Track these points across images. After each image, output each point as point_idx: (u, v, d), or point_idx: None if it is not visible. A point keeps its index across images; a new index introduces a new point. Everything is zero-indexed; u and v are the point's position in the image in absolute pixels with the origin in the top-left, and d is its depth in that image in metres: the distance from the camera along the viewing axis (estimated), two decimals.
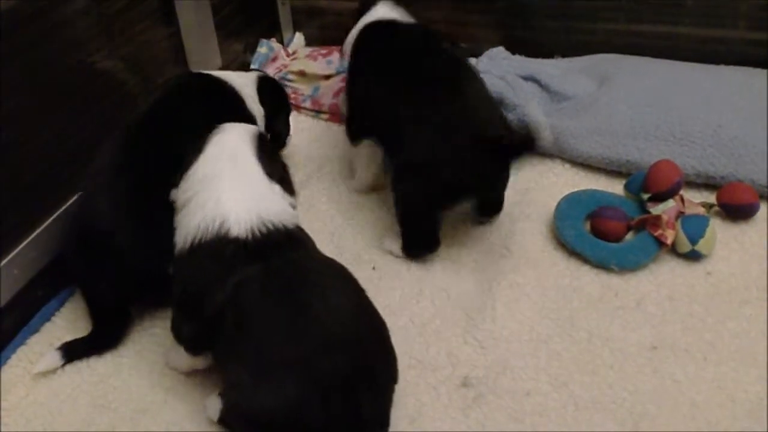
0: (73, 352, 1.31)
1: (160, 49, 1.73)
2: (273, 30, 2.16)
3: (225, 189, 1.15)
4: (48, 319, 1.41)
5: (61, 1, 1.42)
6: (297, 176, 1.70)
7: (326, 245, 1.50)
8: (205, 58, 1.83)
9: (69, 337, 1.35)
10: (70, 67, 1.46)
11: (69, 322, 1.40)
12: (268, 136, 1.39)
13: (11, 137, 1.33)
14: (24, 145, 1.37)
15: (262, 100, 1.59)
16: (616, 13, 1.89)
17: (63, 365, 1.31)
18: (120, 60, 1.60)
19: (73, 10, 1.45)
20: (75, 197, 1.44)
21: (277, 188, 1.19)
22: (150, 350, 1.34)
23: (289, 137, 1.71)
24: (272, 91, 1.64)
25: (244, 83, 1.58)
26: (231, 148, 1.19)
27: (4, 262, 1.33)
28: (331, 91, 1.94)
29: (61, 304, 1.44)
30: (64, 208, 1.45)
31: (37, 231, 1.39)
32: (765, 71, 1.74)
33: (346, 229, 1.58)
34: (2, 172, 1.32)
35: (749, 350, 1.25)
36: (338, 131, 1.83)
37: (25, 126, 1.37)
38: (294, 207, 1.21)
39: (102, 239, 1.29)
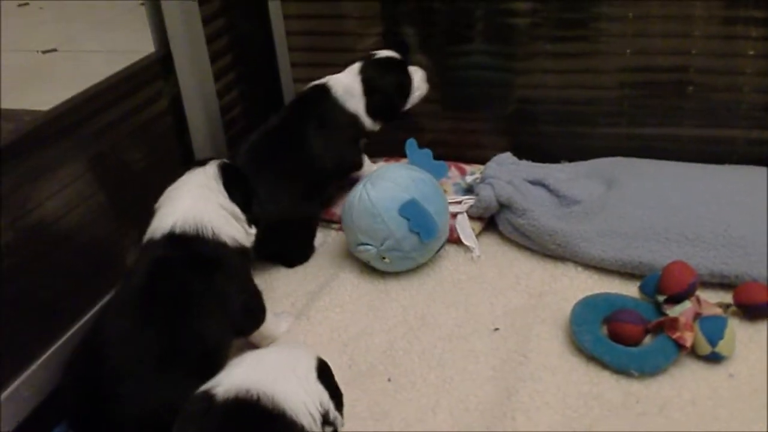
0: None
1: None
2: None
3: None
4: None
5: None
6: (309, 287, 1.72)
7: (339, 357, 1.48)
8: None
9: None
10: (78, 188, 1.49)
11: None
12: None
13: (26, 252, 1.34)
14: (36, 261, 1.37)
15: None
16: (618, 117, 1.93)
17: None
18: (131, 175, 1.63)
19: None
20: (87, 317, 1.44)
21: None
22: None
23: None
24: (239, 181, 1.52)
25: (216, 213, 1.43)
26: None
27: (14, 385, 1.30)
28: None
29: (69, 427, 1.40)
30: (75, 328, 1.43)
31: (48, 353, 1.37)
32: (766, 169, 1.77)
33: (359, 340, 1.55)
34: (13, 290, 1.31)
35: None
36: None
37: (37, 241, 1.38)
38: None
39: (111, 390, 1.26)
